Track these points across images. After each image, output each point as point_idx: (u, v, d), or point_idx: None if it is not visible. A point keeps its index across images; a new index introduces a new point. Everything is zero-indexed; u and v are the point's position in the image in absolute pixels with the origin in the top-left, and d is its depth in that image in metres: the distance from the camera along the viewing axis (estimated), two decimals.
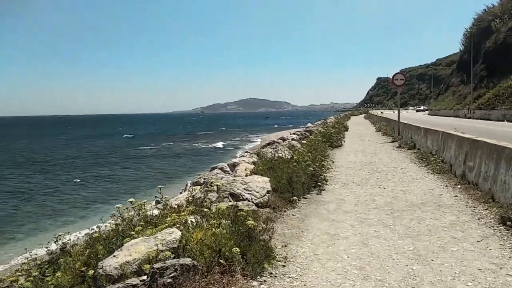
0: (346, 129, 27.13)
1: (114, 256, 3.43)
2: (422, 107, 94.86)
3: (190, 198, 5.30)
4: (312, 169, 7.41)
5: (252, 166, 7.24)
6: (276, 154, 8.34)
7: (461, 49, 72.73)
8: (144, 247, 3.46)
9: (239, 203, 5.36)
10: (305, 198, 6.62)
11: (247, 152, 10.38)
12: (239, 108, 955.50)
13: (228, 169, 7.74)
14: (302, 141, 13.57)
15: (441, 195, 6.80)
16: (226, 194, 5.80)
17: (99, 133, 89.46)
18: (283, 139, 13.98)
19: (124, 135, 77.83)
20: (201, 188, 6.22)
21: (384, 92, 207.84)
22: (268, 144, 11.45)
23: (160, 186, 5.69)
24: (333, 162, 10.66)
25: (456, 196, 6.63)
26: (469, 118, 41.70)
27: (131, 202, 5.02)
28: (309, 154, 8.43)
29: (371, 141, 18.44)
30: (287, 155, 8.56)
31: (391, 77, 18.11)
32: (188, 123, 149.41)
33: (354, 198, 6.69)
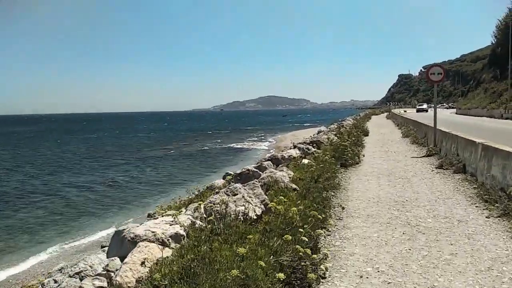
0: (366, 134, 22.97)
1: None
2: (424, 105, 71.74)
3: None
4: (292, 255, 3.54)
5: (159, 255, 3.35)
6: (236, 208, 4.48)
7: (493, 42, 66.68)
8: None
9: None
10: None
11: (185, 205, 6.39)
12: (258, 106, 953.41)
13: (117, 249, 3.85)
14: (303, 160, 9.63)
15: None
16: None
17: (116, 132, 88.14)
18: (275, 159, 10.00)
19: (139, 135, 77.65)
20: None
21: (405, 90, 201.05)
22: (240, 174, 7.47)
23: None
24: (343, 208, 6.65)
25: None
26: (506, 118, 36.70)
27: None
28: (294, 208, 4.52)
29: (399, 153, 14.31)
30: (255, 210, 4.67)
31: (426, 70, 13.93)
32: (205, 122, 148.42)
33: None
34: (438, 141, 13.73)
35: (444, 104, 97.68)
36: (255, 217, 4.61)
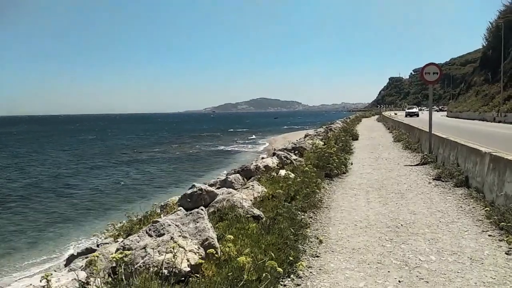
0: (356, 138, 21.68)
1: None
2: (415, 109, 61.83)
3: None
4: None
5: None
6: (158, 258, 3.05)
7: (484, 44, 66.08)
8: None
9: None
10: None
11: None
12: (250, 108, 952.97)
13: None
14: (281, 171, 8.22)
15: None
16: None
17: (109, 134, 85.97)
18: (246, 170, 8.48)
19: (131, 137, 75.81)
20: None
21: (396, 92, 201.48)
22: (191, 195, 5.83)
23: None
24: (320, 241, 5.20)
25: None
26: (499, 122, 35.75)
27: None
28: (243, 258, 3.10)
29: (390, 160, 12.98)
30: (189, 259, 3.24)
31: (420, 70, 12.59)
32: (197, 124, 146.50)
33: None
34: (433, 148, 12.43)
35: (435, 106, 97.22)
36: (187, 269, 3.17)
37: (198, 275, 3.22)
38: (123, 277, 2.79)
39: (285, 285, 3.77)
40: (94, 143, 60.77)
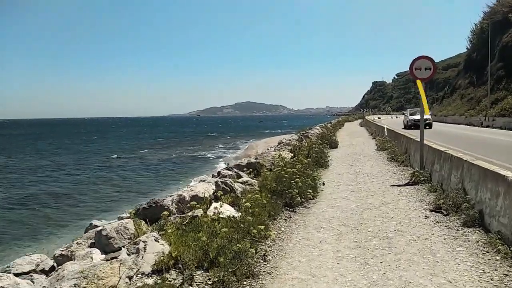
0: (335, 146, 19.19)
1: None
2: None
3: None
4: None
5: None
6: None
7: (468, 47, 64.81)
8: None
9: None
10: None
11: None
12: (235, 111, 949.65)
13: None
14: (211, 207, 5.55)
15: None
16: None
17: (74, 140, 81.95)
18: (155, 207, 5.73)
19: (103, 142, 72.13)
20: None
21: (380, 96, 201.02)
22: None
23: None
24: None
25: None
26: (487, 127, 33.84)
27: None
28: None
29: (373, 177, 10.43)
30: None
31: (410, 64, 10.07)
32: (180, 128, 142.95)
33: None
34: (426, 162, 9.95)
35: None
36: None
37: None
38: None
39: None
40: (69, 148, 57.32)
